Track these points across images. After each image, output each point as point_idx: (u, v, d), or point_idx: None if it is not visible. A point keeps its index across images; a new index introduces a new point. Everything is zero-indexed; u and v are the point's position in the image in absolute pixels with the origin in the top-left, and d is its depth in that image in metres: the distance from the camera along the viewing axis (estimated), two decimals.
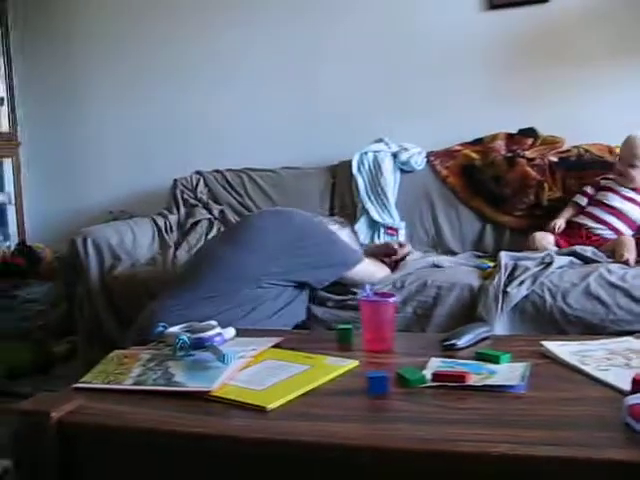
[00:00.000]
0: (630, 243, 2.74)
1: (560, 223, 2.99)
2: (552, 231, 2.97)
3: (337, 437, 1.24)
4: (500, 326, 2.40)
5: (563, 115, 3.43)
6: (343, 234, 2.64)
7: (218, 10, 3.91)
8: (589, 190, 3.07)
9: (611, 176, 3.04)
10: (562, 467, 1.14)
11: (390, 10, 3.67)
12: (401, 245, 2.86)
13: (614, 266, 2.55)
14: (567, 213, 3.05)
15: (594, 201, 3.01)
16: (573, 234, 2.96)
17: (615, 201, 2.96)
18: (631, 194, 2.96)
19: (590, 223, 2.96)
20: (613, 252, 2.72)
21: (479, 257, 3.02)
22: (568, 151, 3.28)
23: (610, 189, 3.00)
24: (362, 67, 3.72)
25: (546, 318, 2.43)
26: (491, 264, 2.67)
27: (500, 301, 2.40)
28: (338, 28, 3.74)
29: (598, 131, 3.32)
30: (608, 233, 2.92)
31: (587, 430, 1.21)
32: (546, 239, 2.93)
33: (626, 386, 1.35)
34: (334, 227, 2.64)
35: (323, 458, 1.24)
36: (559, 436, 1.20)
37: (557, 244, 2.92)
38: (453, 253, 3.19)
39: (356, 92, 3.72)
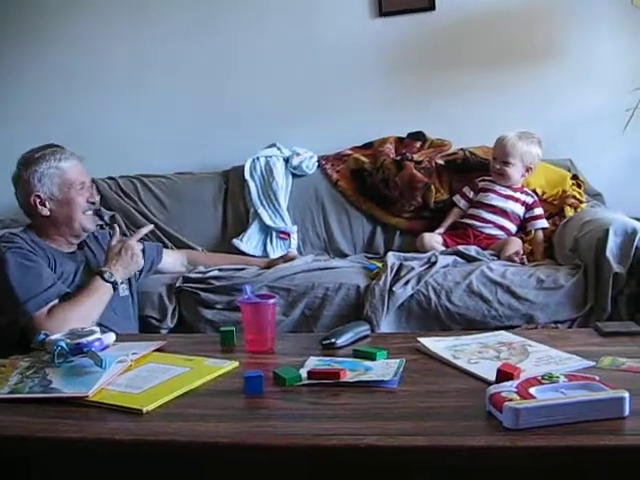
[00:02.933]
0: (517, 243, 2.86)
1: (441, 230, 3.12)
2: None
3: (210, 436, 1.26)
4: (386, 325, 2.45)
5: (450, 119, 3.53)
6: None
7: (121, 16, 3.84)
8: (467, 192, 3.18)
9: (488, 178, 3.14)
10: (426, 456, 1.18)
11: (283, 16, 3.70)
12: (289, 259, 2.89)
13: (495, 264, 2.64)
14: (452, 216, 3.15)
15: (477, 203, 3.11)
16: (461, 235, 3.04)
17: (495, 200, 3.07)
18: (509, 192, 3.07)
19: (477, 223, 3.05)
20: (500, 251, 2.83)
21: (370, 259, 3.06)
22: (455, 154, 3.36)
23: (490, 190, 3.10)
24: (254, 73, 3.73)
25: (431, 316, 2.49)
26: (379, 265, 2.72)
27: (386, 301, 2.46)
28: (230, 35, 3.73)
29: (483, 134, 3.42)
30: (495, 231, 3.02)
31: (452, 420, 1.26)
32: (434, 239, 3.01)
33: (493, 377, 1.41)
34: None
35: (197, 457, 1.26)
36: (425, 426, 1.24)
37: (445, 244, 3.00)
38: (345, 255, 3.24)
39: (249, 97, 3.73)
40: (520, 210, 3.07)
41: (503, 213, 3.04)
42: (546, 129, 3.43)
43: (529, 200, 3.07)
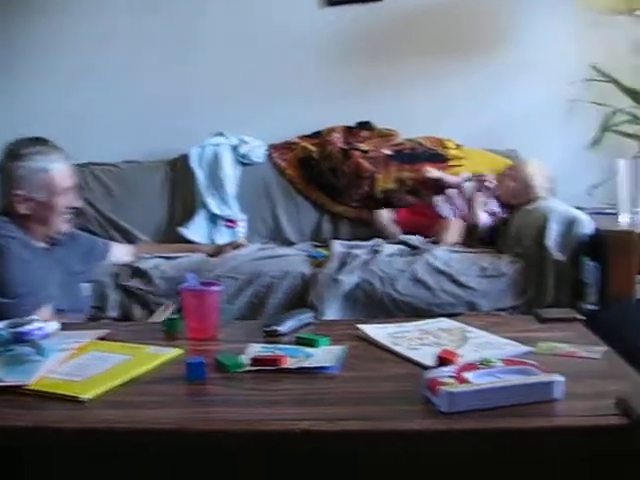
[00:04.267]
0: (454, 226, 2.92)
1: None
2: None
3: (150, 422, 1.26)
4: (332, 313, 2.47)
5: (399, 109, 3.55)
6: None
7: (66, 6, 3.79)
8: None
9: None
10: (362, 440, 1.20)
11: (234, 4, 3.67)
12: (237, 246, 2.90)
13: (440, 252, 2.67)
14: None
15: None
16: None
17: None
18: None
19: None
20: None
21: (317, 247, 3.07)
22: (402, 144, 3.39)
23: None
24: (203, 60, 3.69)
25: (376, 304, 2.52)
26: (325, 253, 2.73)
27: (331, 288, 2.48)
28: (177, 22, 3.70)
29: (431, 124, 3.47)
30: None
31: (389, 405, 1.28)
32: (387, 216, 3.11)
33: (432, 363, 1.43)
34: None
35: (137, 444, 1.26)
36: (363, 411, 1.26)
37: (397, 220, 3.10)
38: (292, 244, 3.24)
39: (197, 86, 3.70)
40: None
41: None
42: (492, 120, 3.50)
43: None
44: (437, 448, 1.19)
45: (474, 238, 2.98)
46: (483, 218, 3.02)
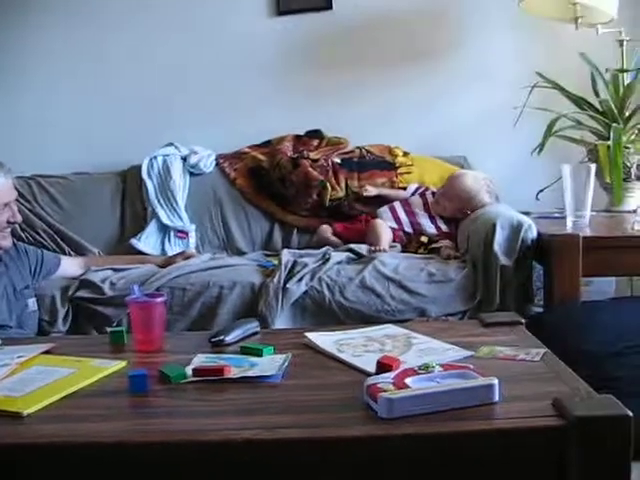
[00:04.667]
0: (379, 227, 2.97)
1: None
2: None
3: (90, 436, 1.25)
4: (282, 322, 2.48)
5: (349, 117, 3.58)
6: None
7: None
8: None
9: None
10: (303, 448, 1.21)
11: (180, 13, 3.66)
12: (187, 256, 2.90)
13: (388, 258, 2.69)
14: None
15: None
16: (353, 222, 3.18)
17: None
18: None
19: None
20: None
21: (268, 256, 3.08)
22: (351, 152, 3.41)
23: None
24: (152, 70, 3.68)
25: (326, 312, 2.53)
26: (275, 262, 2.74)
27: (280, 298, 2.48)
28: (127, 30, 3.68)
29: (381, 132, 3.50)
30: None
31: (331, 412, 1.29)
32: (324, 229, 3.14)
33: (374, 369, 1.44)
34: None
35: (77, 458, 1.25)
36: (304, 419, 1.27)
37: (335, 232, 3.12)
38: (243, 253, 3.24)
39: (147, 96, 3.68)
40: None
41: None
42: (440, 127, 3.56)
43: None
44: (377, 454, 1.20)
45: (421, 245, 3.01)
46: (428, 227, 3.06)
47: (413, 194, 3.21)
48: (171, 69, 3.69)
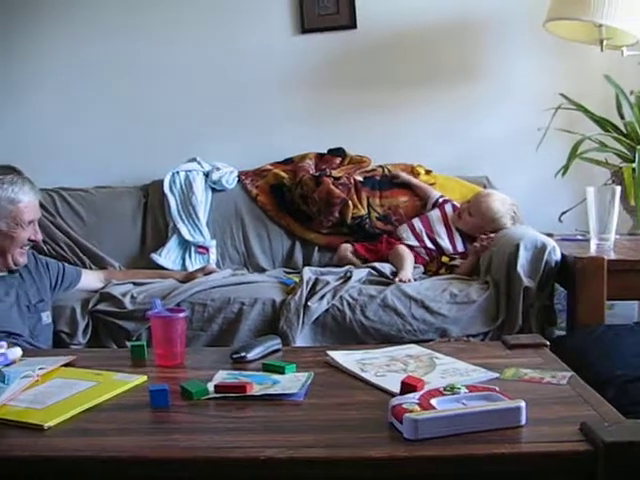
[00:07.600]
0: (402, 253, 2.93)
1: None
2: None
3: (111, 450, 1.25)
4: (302, 339, 2.47)
5: (371, 135, 3.58)
6: None
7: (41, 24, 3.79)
8: None
9: None
10: (325, 468, 1.19)
11: (205, 31, 3.68)
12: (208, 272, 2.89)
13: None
14: None
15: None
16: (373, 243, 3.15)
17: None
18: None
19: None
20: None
21: (288, 274, 3.07)
22: (374, 170, 3.40)
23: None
24: (176, 87, 3.71)
25: (346, 331, 2.51)
26: (296, 279, 2.73)
27: (301, 315, 2.47)
28: (153, 47, 3.70)
29: (403, 151, 3.50)
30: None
31: (354, 432, 1.28)
32: (345, 248, 3.13)
33: (398, 390, 1.42)
34: None
35: (97, 472, 1.24)
36: (326, 439, 1.25)
37: (356, 253, 3.10)
38: (264, 270, 3.23)
39: (170, 112, 3.69)
40: None
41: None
42: (464, 146, 3.54)
43: None
44: (401, 475, 1.19)
45: (442, 265, 2.99)
46: (445, 242, 3.06)
47: (435, 203, 3.20)
48: (195, 84, 3.70)
